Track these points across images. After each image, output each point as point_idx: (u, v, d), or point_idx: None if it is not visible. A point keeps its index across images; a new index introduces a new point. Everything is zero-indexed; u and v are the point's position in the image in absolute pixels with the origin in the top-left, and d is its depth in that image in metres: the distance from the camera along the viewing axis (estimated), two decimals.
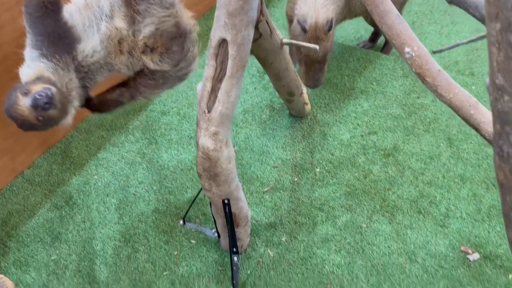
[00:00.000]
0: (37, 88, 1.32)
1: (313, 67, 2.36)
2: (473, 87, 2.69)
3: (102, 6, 1.44)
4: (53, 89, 1.34)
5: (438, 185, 2.22)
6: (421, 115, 2.56)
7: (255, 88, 2.81)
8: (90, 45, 1.42)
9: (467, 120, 1.32)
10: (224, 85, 1.46)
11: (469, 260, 1.93)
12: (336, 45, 3.01)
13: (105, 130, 2.54)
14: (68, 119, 1.46)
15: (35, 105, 1.31)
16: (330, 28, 2.25)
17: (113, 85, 1.59)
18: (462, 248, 1.97)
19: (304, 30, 2.24)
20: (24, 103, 1.32)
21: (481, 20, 0.79)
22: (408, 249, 1.99)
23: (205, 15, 3.26)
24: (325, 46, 2.26)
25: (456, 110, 1.33)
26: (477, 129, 1.32)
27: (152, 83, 1.55)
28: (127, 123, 2.59)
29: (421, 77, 1.31)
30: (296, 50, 2.48)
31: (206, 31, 3.09)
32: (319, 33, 2.23)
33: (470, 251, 1.96)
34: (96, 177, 2.34)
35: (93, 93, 1.61)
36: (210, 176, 1.67)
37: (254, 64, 2.81)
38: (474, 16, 0.85)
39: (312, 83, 2.43)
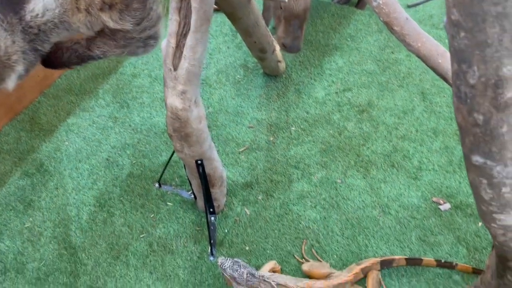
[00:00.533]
0: None
1: (292, 23, 2.27)
2: (447, 41, 2.67)
3: None
4: None
5: (411, 139, 2.24)
6: (395, 70, 2.55)
7: (228, 48, 2.75)
8: (42, 3, 1.33)
9: (435, 69, 1.31)
10: (189, 40, 1.41)
11: (441, 210, 1.98)
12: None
13: (74, 95, 2.47)
14: (8, 85, 1.36)
15: None
16: None
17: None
18: (434, 199, 2.02)
19: None
20: None
21: None
22: (382, 202, 2.02)
23: None
24: (306, 1, 2.18)
25: (424, 59, 1.32)
26: (444, 78, 1.32)
27: (112, 43, 1.47)
28: (96, 87, 2.51)
29: (389, 26, 1.28)
30: (274, 6, 2.39)
31: None
32: None
33: (441, 202, 2.00)
34: (67, 143, 2.28)
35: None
36: (181, 137, 1.64)
37: (226, 23, 2.73)
38: None
39: (291, 42, 2.33)
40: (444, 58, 1.28)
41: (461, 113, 0.72)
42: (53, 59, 1.48)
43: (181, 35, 1.42)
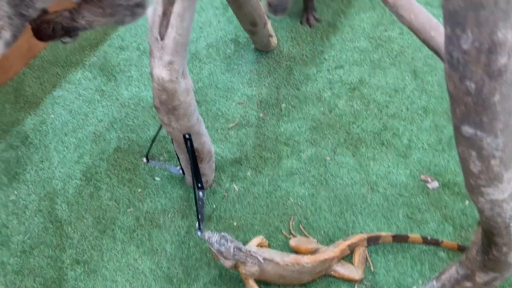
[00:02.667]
0: None
1: None
2: (441, 19, 2.64)
3: None
4: None
5: (401, 117, 2.23)
6: (387, 48, 2.51)
7: (219, 21, 2.69)
8: None
9: (428, 43, 1.29)
10: (177, 8, 1.36)
11: (428, 188, 1.98)
12: None
13: (59, 67, 2.41)
14: None
15: None
16: None
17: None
18: (422, 177, 2.02)
19: None
20: None
21: None
22: (370, 180, 2.02)
23: None
24: None
25: (416, 32, 1.29)
26: (437, 53, 1.29)
27: (98, 11, 1.43)
28: (83, 59, 2.45)
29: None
30: None
31: None
32: None
33: (429, 180, 2.01)
34: (52, 116, 2.23)
35: None
36: (168, 110, 1.61)
37: None
38: None
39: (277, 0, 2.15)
40: (437, 32, 1.26)
41: (453, 81, 0.70)
42: (39, 32, 1.44)
43: (168, 3, 1.38)
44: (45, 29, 1.43)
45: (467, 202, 1.94)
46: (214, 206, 1.98)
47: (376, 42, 2.55)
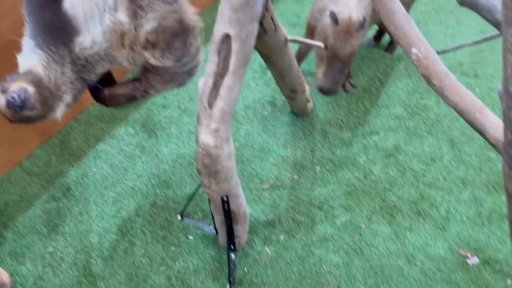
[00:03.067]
0: (14, 87, 1.28)
1: (335, 66, 2.18)
2: (477, 89, 2.67)
3: None
4: (30, 90, 1.30)
5: (439, 187, 2.20)
6: (423, 116, 2.53)
7: (257, 84, 2.79)
8: (90, 37, 1.38)
9: (472, 124, 1.30)
10: (227, 81, 1.44)
11: (468, 264, 1.92)
12: None
13: (105, 122, 2.52)
14: (56, 115, 1.42)
15: (8, 106, 1.28)
16: (362, 26, 2.13)
17: (125, 81, 1.55)
18: (462, 251, 1.96)
19: (336, 22, 2.10)
20: (1, 101, 1.29)
21: (494, 23, 0.77)
22: (407, 251, 1.97)
23: (209, 7, 3.23)
24: (353, 45, 2.13)
25: (461, 113, 1.31)
26: (482, 133, 1.30)
27: (159, 78, 1.52)
28: (127, 115, 2.57)
29: (427, 78, 1.29)
30: (317, 50, 2.33)
31: (209, 24, 3.06)
32: (351, 28, 2.10)
33: (469, 255, 1.94)
34: (94, 169, 2.32)
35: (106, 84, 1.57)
36: (209, 173, 1.65)
37: (256, 59, 2.78)
38: (486, 19, 0.82)
39: (329, 85, 2.22)
40: (481, 114, 1.27)
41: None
42: (111, 101, 1.54)
43: (219, 75, 1.46)
44: (119, 100, 1.53)
45: (509, 281, 1.86)
46: (246, 269, 1.96)
47: (412, 109, 2.58)
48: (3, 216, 2.12)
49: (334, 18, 2.11)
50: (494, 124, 1.21)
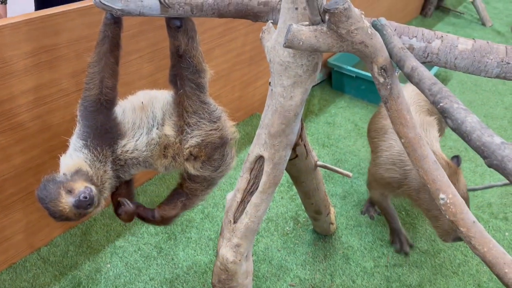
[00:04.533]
0: (79, 187, 1.36)
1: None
2: (507, 234, 2.59)
3: (156, 112, 1.53)
4: (94, 189, 1.38)
5: None
6: (450, 255, 2.44)
7: (281, 198, 2.81)
8: (134, 143, 1.49)
9: (501, 278, 1.25)
10: (255, 199, 1.47)
11: None
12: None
13: None
14: (98, 210, 1.48)
15: (78, 206, 1.34)
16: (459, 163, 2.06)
17: (170, 196, 1.62)
18: None
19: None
20: (66, 201, 1.35)
21: None
22: None
23: (245, 120, 3.42)
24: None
25: (489, 265, 1.27)
26: None
27: (198, 186, 1.59)
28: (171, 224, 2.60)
29: (454, 225, 1.28)
30: (429, 205, 2.09)
31: (243, 135, 3.22)
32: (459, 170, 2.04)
33: None
34: (109, 265, 2.29)
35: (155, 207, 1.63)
36: None
37: (284, 175, 2.85)
38: None
39: (455, 234, 2.04)
40: (511, 269, 1.23)
41: None
42: (162, 221, 1.60)
43: (248, 192, 1.50)
44: (171, 220, 1.60)
45: None
46: None
47: (438, 246, 2.50)
48: None
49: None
50: None
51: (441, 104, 1.04)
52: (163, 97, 1.57)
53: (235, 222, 1.53)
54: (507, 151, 0.86)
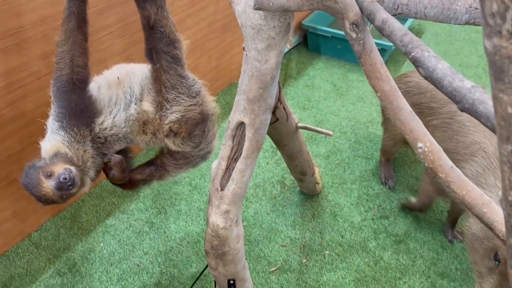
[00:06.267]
0: (59, 169, 1.35)
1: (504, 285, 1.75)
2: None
3: (133, 87, 1.51)
4: (73, 169, 1.37)
5: (451, 278, 2.14)
6: (434, 202, 2.53)
7: (267, 163, 2.85)
8: (111, 120, 1.47)
9: (481, 218, 1.31)
10: (239, 165, 1.49)
11: None
12: (350, 127, 3.08)
13: (116, 197, 2.56)
14: (86, 188, 1.48)
15: (59, 188, 1.34)
16: None
17: (142, 164, 1.62)
18: None
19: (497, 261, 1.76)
20: (48, 185, 1.34)
21: (492, 130, 0.82)
22: None
23: (224, 90, 3.40)
24: None
25: (469, 207, 1.32)
26: (490, 228, 1.31)
27: (175, 162, 1.59)
28: (138, 191, 2.61)
29: (433, 172, 1.32)
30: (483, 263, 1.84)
31: (223, 105, 3.21)
32: None
33: None
34: (102, 244, 2.31)
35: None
36: (217, 255, 1.65)
37: (267, 140, 2.87)
38: (485, 125, 0.87)
39: None
40: (489, 208, 1.29)
41: None
42: (131, 186, 1.60)
43: (232, 159, 1.51)
44: (136, 185, 1.60)
45: None
46: None
47: None
48: None
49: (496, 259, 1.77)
50: (503, 219, 1.22)
51: (412, 54, 1.06)
52: (141, 71, 1.54)
53: (222, 189, 1.55)
54: (477, 94, 0.88)
